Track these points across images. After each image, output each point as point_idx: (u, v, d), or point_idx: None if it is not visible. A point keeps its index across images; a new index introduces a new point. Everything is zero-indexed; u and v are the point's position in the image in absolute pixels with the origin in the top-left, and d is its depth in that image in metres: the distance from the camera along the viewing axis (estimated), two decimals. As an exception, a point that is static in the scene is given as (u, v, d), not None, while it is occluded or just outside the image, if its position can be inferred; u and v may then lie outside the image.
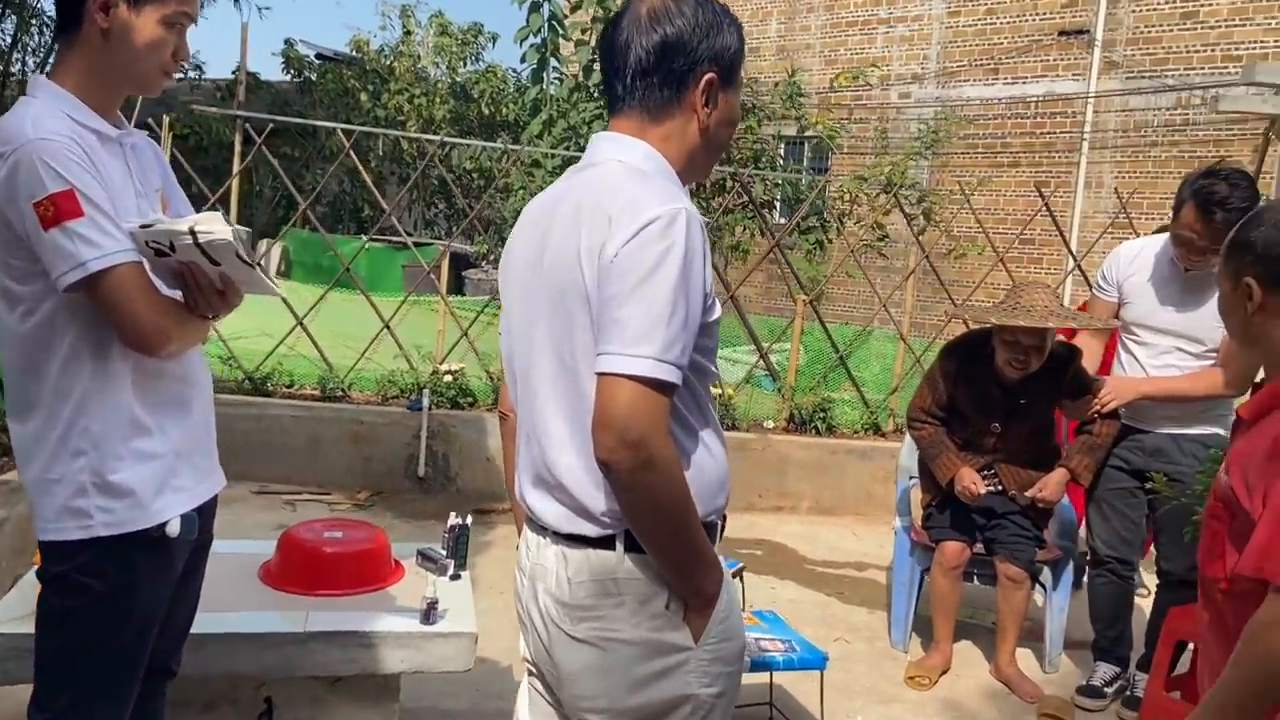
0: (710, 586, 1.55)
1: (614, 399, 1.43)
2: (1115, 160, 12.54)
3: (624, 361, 1.43)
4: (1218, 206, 3.19)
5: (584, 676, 1.57)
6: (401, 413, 5.65)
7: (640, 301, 1.43)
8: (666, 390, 1.45)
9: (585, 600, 1.55)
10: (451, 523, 2.90)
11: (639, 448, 1.42)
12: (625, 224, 1.46)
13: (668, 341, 1.43)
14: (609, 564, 1.54)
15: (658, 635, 1.54)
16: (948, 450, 3.72)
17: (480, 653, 3.67)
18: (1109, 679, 3.68)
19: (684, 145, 1.63)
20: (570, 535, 1.57)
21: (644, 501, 1.47)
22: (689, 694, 1.55)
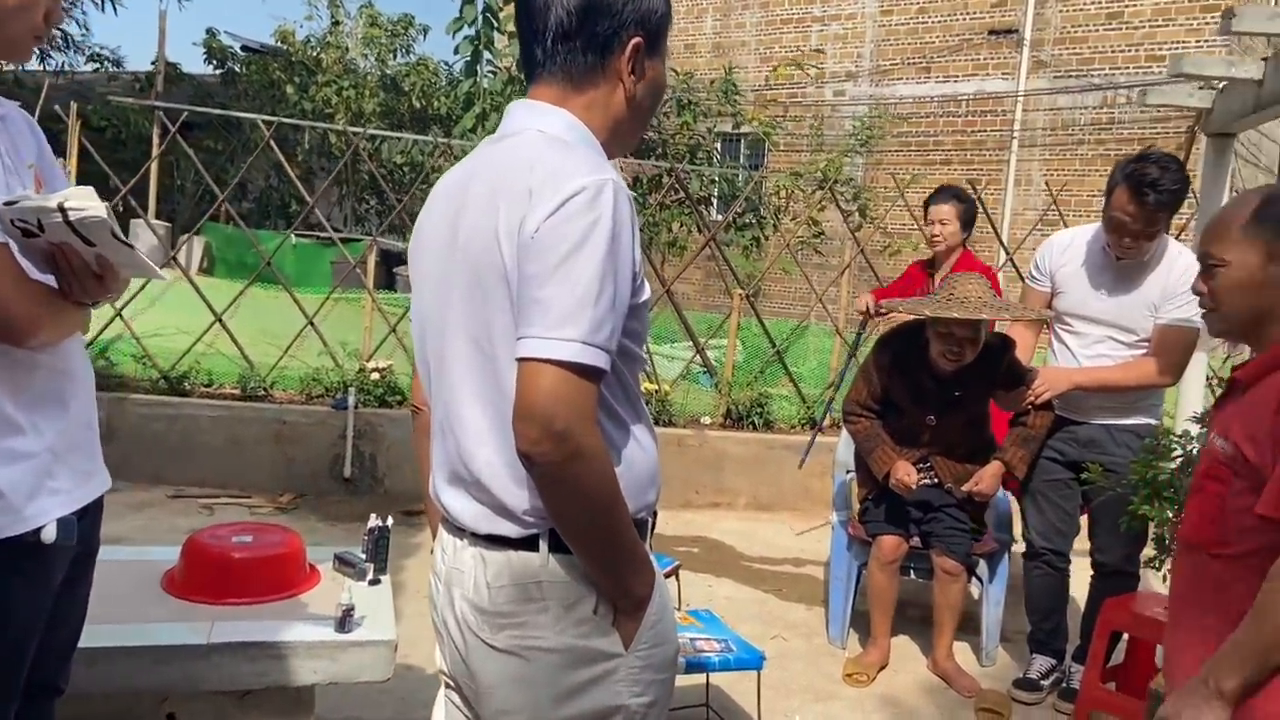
0: (641, 588, 1.45)
1: (536, 386, 1.31)
2: (1044, 158, 12.77)
3: (547, 345, 1.31)
4: (1150, 188, 3.20)
5: (505, 689, 1.45)
6: (326, 412, 5.46)
7: (564, 280, 1.32)
8: (594, 376, 1.33)
9: (506, 606, 1.43)
10: (371, 524, 2.76)
11: (564, 439, 1.30)
12: (547, 197, 1.34)
13: (595, 323, 1.32)
14: (532, 566, 1.43)
15: (585, 642, 1.43)
16: (884, 444, 3.68)
17: (405, 660, 3.55)
18: (1045, 671, 3.67)
19: (609, 115, 1.52)
20: (489, 536, 1.45)
21: (570, 497, 1.36)
22: (619, 704, 1.44)
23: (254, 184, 13.57)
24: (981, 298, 3.43)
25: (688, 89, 11.33)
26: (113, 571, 2.67)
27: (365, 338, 6.01)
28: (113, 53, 14.45)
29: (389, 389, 5.57)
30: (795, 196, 9.69)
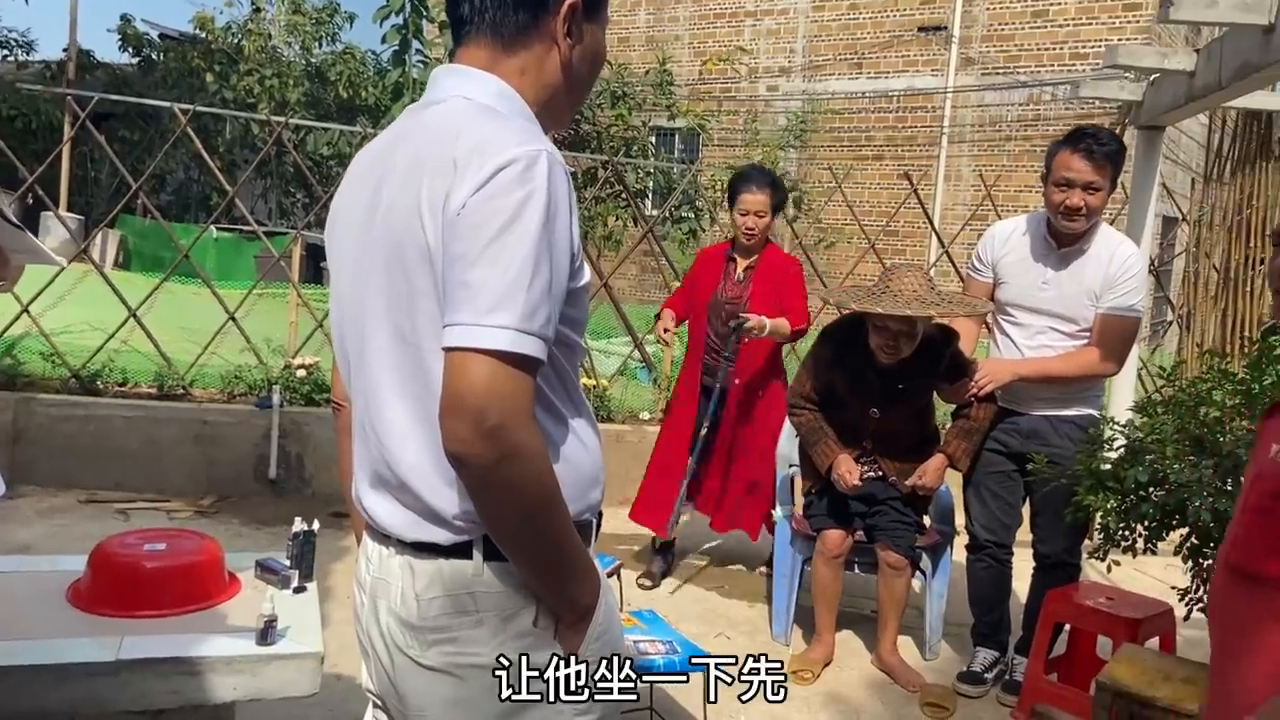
0: (585, 597, 1.33)
1: (466, 378, 1.18)
2: (973, 154, 12.95)
3: (478, 333, 1.18)
4: (1091, 139, 3.27)
5: (437, 710, 1.33)
6: (250, 411, 5.23)
7: (495, 261, 1.19)
8: (529, 367, 1.21)
9: (437, 620, 1.31)
10: (296, 529, 2.60)
11: (497, 437, 1.17)
12: (474, 169, 1.22)
13: (529, 308, 1.20)
14: (464, 576, 1.30)
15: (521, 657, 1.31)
16: (826, 437, 3.63)
17: (334, 670, 3.38)
18: (989, 664, 3.65)
19: (542, 81, 1.39)
20: (417, 544, 1.32)
21: (504, 501, 1.22)
22: None
23: (173, 176, 13.12)
24: (916, 292, 3.34)
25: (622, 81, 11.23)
26: (15, 583, 2.48)
27: (290, 333, 5.79)
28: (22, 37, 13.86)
29: (316, 386, 5.37)
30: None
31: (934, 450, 3.63)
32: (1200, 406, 3.00)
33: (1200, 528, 2.84)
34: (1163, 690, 2.72)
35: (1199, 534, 2.89)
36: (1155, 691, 2.72)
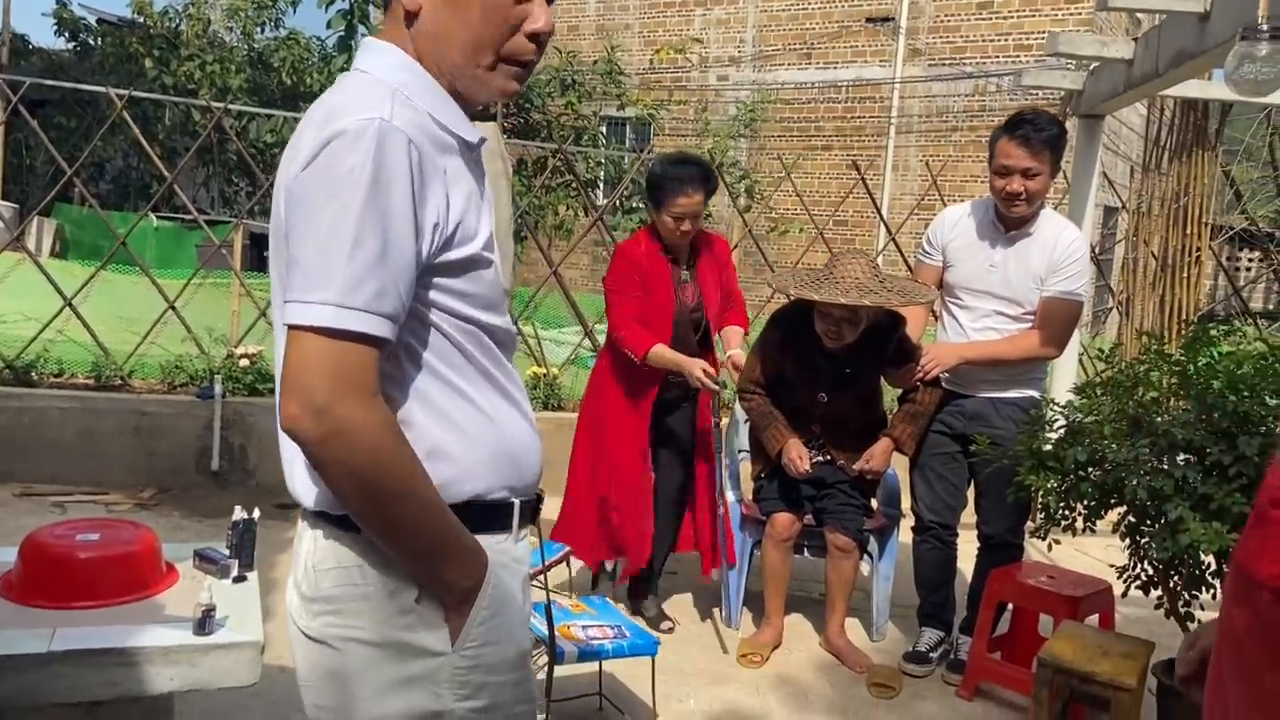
0: (461, 579, 1.27)
1: (294, 355, 1.17)
2: (920, 144, 13.09)
3: (301, 310, 1.16)
4: (1029, 125, 3.31)
5: (320, 683, 1.31)
6: (190, 401, 5.13)
7: (314, 236, 1.16)
8: (363, 342, 1.17)
9: (327, 591, 1.29)
10: (236, 517, 2.55)
11: (323, 415, 1.14)
12: (308, 140, 1.20)
13: (352, 282, 1.15)
14: (357, 548, 1.27)
15: (406, 635, 1.27)
16: (776, 422, 3.64)
17: (279, 661, 3.31)
18: (934, 643, 3.70)
19: (452, 47, 1.32)
20: (317, 513, 1.31)
21: (341, 479, 1.19)
22: (439, 709, 1.28)
23: (112, 164, 12.80)
24: (858, 280, 3.34)
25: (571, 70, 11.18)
26: (-60, 577, 2.42)
27: (233, 322, 5.68)
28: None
29: (259, 376, 5.27)
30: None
31: (881, 434, 3.66)
32: (1137, 387, 3.06)
33: (1137, 506, 2.89)
34: (1102, 665, 2.78)
35: (1135, 512, 2.95)
36: (1094, 667, 2.77)
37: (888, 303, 3.37)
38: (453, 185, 1.26)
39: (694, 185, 3.54)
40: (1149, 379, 3.06)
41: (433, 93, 1.30)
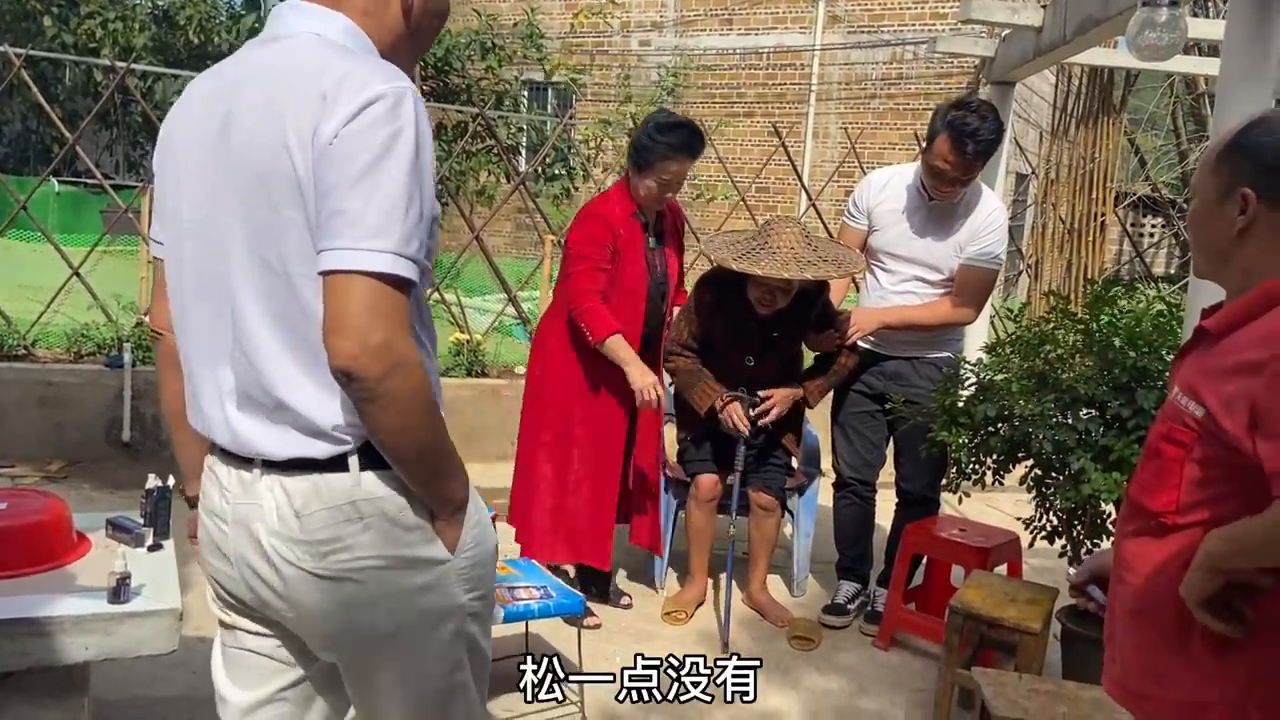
0: (461, 492, 1.44)
1: (350, 299, 1.27)
2: (839, 111, 13.23)
3: (360, 257, 1.26)
4: (969, 138, 3.28)
5: (339, 612, 1.41)
6: (99, 370, 4.97)
7: (373, 191, 1.27)
8: (405, 288, 1.31)
9: (324, 533, 1.38)
10: (150, 485, 2.50)
11: (385, 351, 1.27)
12: (344, 102, 1.28)
13: (406, 234, 1.29)
14: (344, 487, 1.38)
15: (412, 552, 1.41)
16: (705, 379, 3.63)
17: (199, 631, 3.27)
18: (852, 596, 3.81)
19: (384, 25, 1.45)
20: (290, 461, 1.38)
21: (392, 411, 1.31)
22: (454, 605, 1.46)
23: (10, 127, 12.22)
24: (794, 250, 3.37)
25: (491, 33, 11.00)
26: None
27: (141, 289, 5.51)
28: None
29: (172, 344, 5.13)
30: (604, 146, 9.60)
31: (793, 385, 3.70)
32: (1044, 345, 3.18)
33: (1042, 459, 3.01)
34: (1009, 611, 2.90)
35: (1041, 465, 3.07)
36: (1002, 613, 2.89)
37: (827, 275, 3.41)
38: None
39: (685, 153, 3.39)
40: (1055, 337, 3.18)
41: (377, 58, 1.41)
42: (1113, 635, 1.61)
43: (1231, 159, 1.49)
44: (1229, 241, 1.50)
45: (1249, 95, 2.76)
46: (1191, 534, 1.45)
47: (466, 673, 1.51)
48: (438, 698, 1.50)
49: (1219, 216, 1.50)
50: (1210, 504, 1.44)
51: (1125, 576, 1.57)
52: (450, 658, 1.48)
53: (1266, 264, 1.46)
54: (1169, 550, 1.48)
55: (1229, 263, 1.52)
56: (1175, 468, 1.47)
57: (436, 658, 1.47)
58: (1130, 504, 1.59)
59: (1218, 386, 1.42)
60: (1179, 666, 1.47)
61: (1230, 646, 1.42)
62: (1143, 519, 1.54)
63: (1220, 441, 1.40)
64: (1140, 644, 1.54)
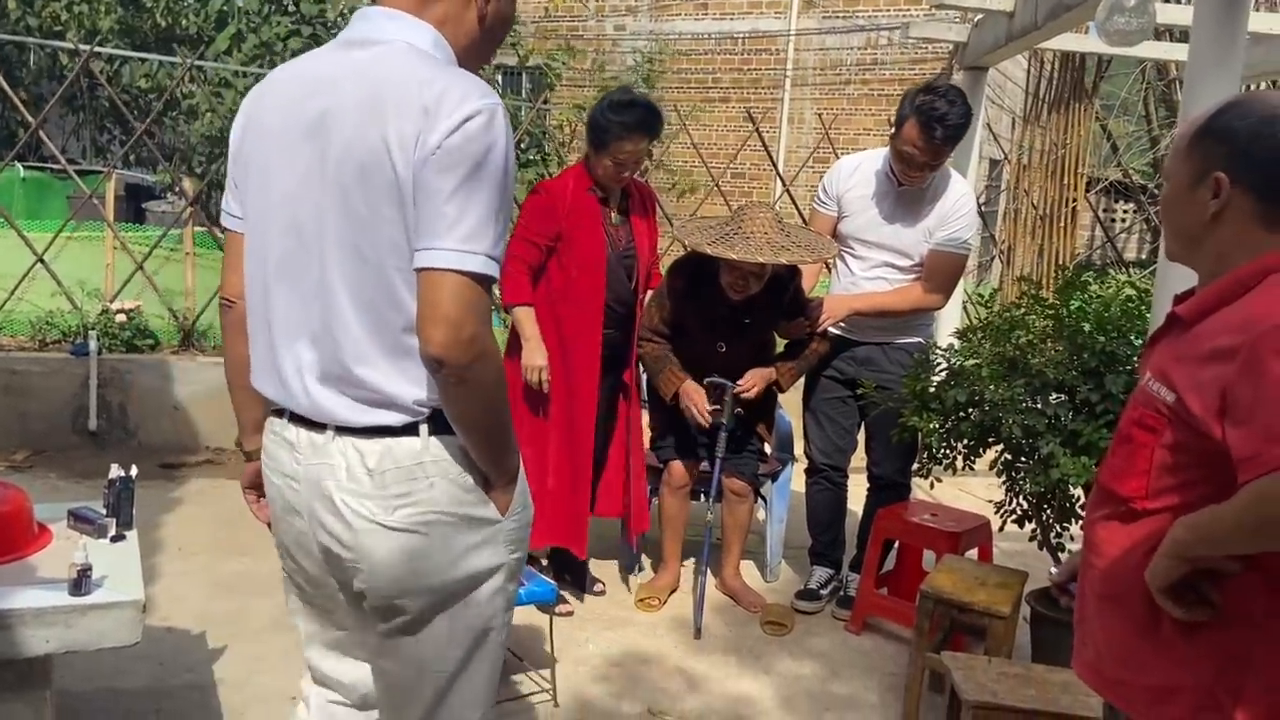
0: (513, 464, 1.62)
1: (445, 293, 1.42)
2: (814, 97, 13.22)
3: (456, 258, 1.42)
4: (938, 123, 3.28)
5: (404, 562, 1.55)
6: (64, 359, 4.89)
7: (471, 198, 1.42)
8: (489, 286, 1.47)
9: (395, 488, 1.54)
10: (112, 475, 2.46)
11: (473, 343, 1.43)
12: (445, 116, 1.42)
13: (495, 238, 1.45)
14: (414, 450, 1.54)
15: (470, 511, 1.58)
16: (671, 365, 3.64)
17: (165, 622, 3.26)
18: (824, 581, 3.82)
19: (461, 31, 1.59)
20: (367, 428, 1.54)
21: (474, 394, 1.49)
22: (501, 562, 1.62)
23: (-27, 112, 11.98)
24: (768, 235, 3.36)
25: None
26: None
27: (107, 276, 5.42)
28: None
29: (137, 332, 5.06)
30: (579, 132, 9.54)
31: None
32: (1014, 331, 3.19)
33: (1012, 443, 3.03)
34: (979, 595, 2.92)
35: (1011, 449, 3.08)
36: (972, 596, 2.91)
37: (801, 260, 3.41)
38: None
39: (641, 131, 3.35)
40: (1025, 322, 3.19)
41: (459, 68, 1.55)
42: (1084, 620, 1.62)
43: (1204, 143, 1.48)
44: (1201, 226, 1.49)
45: (1218, 80, 2.77)
46: (1160, 519, 1.45)
47: (500, 625, 1.67)
48: (476, 646, 1.63)
49: (1192, 201, 1.49)
50: (1179, 490, 1.44)
51: (1094, 561, 1.58)
52: (492, 608, 1.63)
53: (1239, 248, 1.46)
54: (1138, 535, 1.49)
55: (1201, 247, 1.51)
56: (1145, 453, 1.48)
57: (482, 609, 1.62)
58: (1100, 489, 1.59)
59: (1190, 373, 1.42)
60: (1149, 651, 1.48)
61: (1200, 631, 1.42)
62: (1112, 504, 1.55)
63: (1190, 427, 1.40)
64: (1111, 629, 1.54)
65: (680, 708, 3.02)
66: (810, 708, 3.07)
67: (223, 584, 3.57)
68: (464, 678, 1.64)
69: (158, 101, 7.20)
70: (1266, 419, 1.29)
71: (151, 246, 5.67)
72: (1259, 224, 1.45)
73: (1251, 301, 1.40)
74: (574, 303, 3.44)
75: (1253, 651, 1.40)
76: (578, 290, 3.43)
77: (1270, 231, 1.45)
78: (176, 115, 9.14)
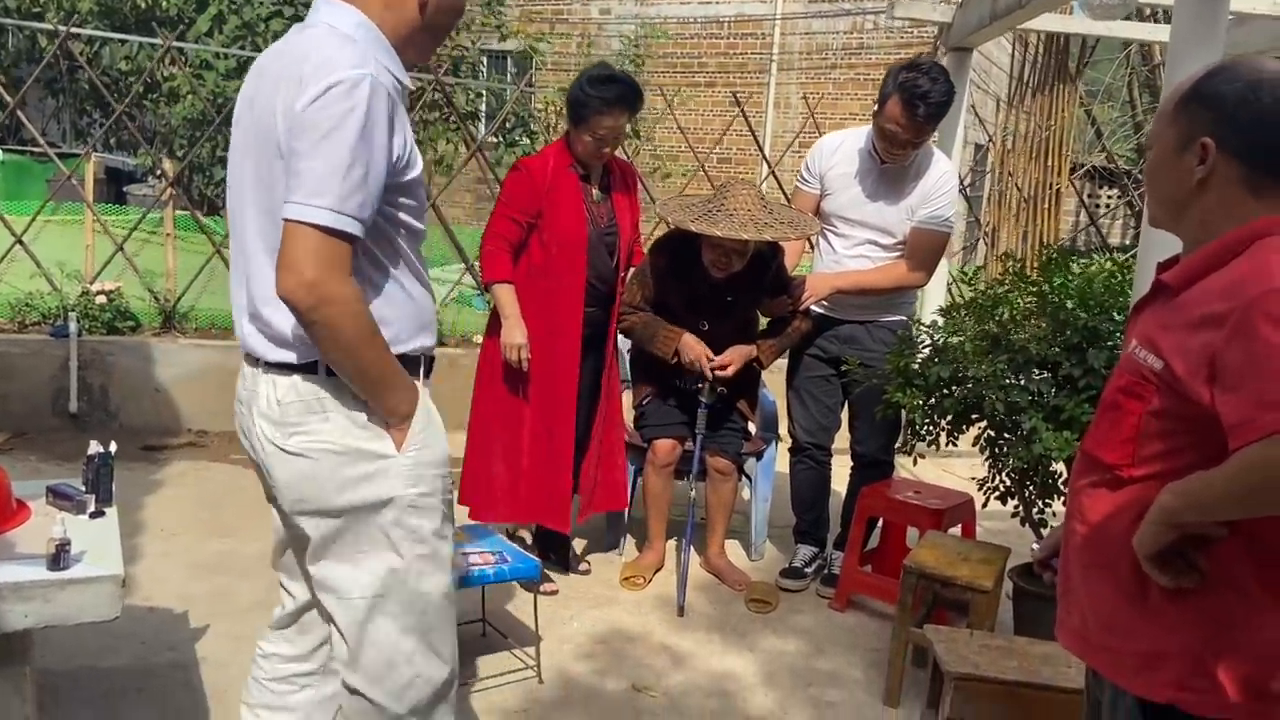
0: (403, 406, 1.74)
1: (294, 244, 1.59)
2: (800, 81, 13.20)
3: (304, 210, 1.58)
4: (920, 100, 3.27)
5: (297, 484, 1.75)
6: (44, 341, 4.85)
7: (319, 157, 1.58)
8: (344, 238, 1.61)
9: (294, 418, 1.73)
10: (91, 451, 2.44)
11: (314, 288, 1.59)
12: (313, 84, 1.60)
13: (345, 194, 1.59)
14: (313, 385, 1.74)
15: (361, 444, 1.73)
16: (663, 326, 3.58)
17: (148, 601, 3.25)
18: (809, 559, 3.83)
19: (402, 19, 1.73)
20: (278, 363, 1.74)
21: (325, 334, 1.64)
22: (393, 494, 1.75)
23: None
24: (750, 211, 3.35)
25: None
26: None
27: (87, 257, 5.37)
28: None
29: (118, 313, 5.02)
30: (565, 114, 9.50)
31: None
32: (998, 307, 3.19)
33: (995, 420, 3.04)
34: (961, 570, 2.93)
35: (994, 425, 3.09)
36: (955, 571, 2.92)
37: (784, 236, 3.40)
38: (404, 125, 1.70)
39: (620, 107, 3.32)
40: (1009, 299, 3.19)
41: (386, 50, 1.72)
42: (1068, 589, 1.61)
43: (1190, 108, 1.47)
44: (1187, 192, 1.47)
45: (1200, 61, 2.76)
46: (1146, 486, 1.45)
47: (408, 561, 1.77)
48: (378, 577, 1.77)
49: (1177, 166, 1.48)
50: (1165, 456, 1.44)
51: (1079, 529, 1.57)
52: (389, 541, 1.76)
53: (1225, 215, 1.45)
54: (1123, 502, 1.48)
55: (1186, 213, 1.50)
56: (1131, 420, 1.47)
57: (377, 539, 1.75)
58: (1085, 457, 1.59)
59: (1178, 339, 1.41)
60: (1137, 618, 1.48)
61: (1187, 597, 1.42)
62: (1098, 472, 1.54)
63: (1177, 394, 1.40)
64: (1097, 597, 1.54)
65: (664, 684, 3.02)
66: (794, 683, 3.08)
67: (205, 565, 3.56)
68: (380, 612, 1.77)
69: (138, 83, 7.11)
70: (1257, 385, 1.28)
71: (132, 227, 5.63)
72: (1245, 190, 1.44)
73: (1240, 267, 1.39)
74: (555, 280, 3.42)
75: (1240, 617, 1.41)
76: (558, 267, 3.41)
77: (1257, 198, 1.44)
78: (157, 98, 9.05)
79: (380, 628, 1.79)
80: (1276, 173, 1.44)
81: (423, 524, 1.78)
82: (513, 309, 3.39)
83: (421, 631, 1.81)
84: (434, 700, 1.86)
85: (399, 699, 1.82)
